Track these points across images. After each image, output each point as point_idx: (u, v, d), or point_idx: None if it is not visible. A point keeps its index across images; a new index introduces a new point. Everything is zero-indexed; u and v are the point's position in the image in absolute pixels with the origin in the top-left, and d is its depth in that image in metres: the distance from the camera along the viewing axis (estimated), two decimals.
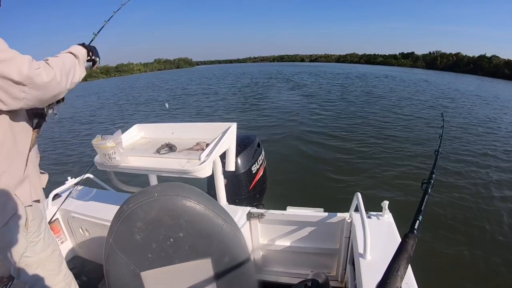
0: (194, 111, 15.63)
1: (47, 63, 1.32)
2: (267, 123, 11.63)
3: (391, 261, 0.67)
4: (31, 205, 1.46)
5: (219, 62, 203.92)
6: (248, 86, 27.14)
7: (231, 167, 2.30)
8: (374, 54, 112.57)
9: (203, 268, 1.35)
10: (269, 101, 17.62)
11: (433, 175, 1.15)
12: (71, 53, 1.52)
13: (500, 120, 13.14)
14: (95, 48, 1.71)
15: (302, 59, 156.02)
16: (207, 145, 2.01)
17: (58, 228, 2.45)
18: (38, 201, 1.58)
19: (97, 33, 2.09)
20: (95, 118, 15.38)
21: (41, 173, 1.65)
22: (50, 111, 1.62)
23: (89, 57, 1.65)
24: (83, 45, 1.65)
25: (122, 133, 1.98)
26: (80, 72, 1.51)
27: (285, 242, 2.26)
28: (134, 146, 2.22)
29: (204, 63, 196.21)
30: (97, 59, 1.73)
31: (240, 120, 11.19)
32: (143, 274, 1.32)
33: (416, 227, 0.80)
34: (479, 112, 14.68)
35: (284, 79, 33.33)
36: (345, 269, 2.14)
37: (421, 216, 0.85)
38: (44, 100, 1.36)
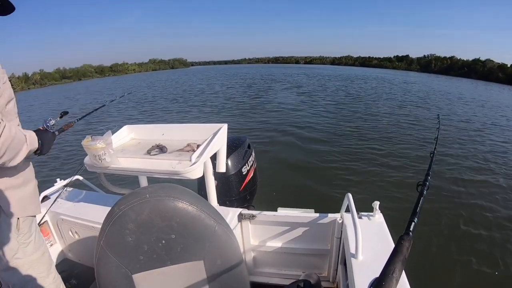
0: (189, 111, 15.58)
1: (1, 127, 1.20)
2: (258, 124, 11.65)
3: (386, 263, 0.66)
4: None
5: (214, 63, 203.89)
6: (242, 87, 27.22)
7: (221, 168, 2.30)
8: (369, 57, 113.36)
9: (196, 270, 1.34)
10: (261, 102, 17.65)
11: (429, 177, 1.14)
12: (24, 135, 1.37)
13: (494, 122, 13.30)
14: (50, 140, 1.60)
15: (297, 61, 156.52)
16: (198, 146, 2.00)
17: (47, 230, 2.43)
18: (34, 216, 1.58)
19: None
20: (86, 118, 15.00)
21: None
22: None
23: (38, 151, 1.51)
24: (39, 134, 1.51)
25: (112, 134, 1.97)
26: (19, 160, 1.33)
27: (277, 243, 2.26)
28: (124, 147, 2.21)
29: (199, 63, 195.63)
30: (48, 149, 1.59)
31: (231, 121, 11.23)
32: (135, 276, 1.30)
33: (411, 229, 0.78)
34: (473, 114, 14.88)
35: (277, 81, 33.42)
36: (337, 270, 2.14)
37: (416, 218, 0.83)
38: None
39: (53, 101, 27.54)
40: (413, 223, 0.81)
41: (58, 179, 2.63)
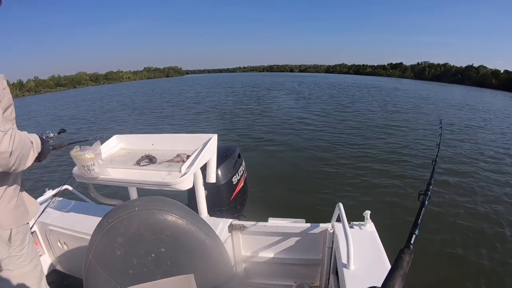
0: (180, 121, 15.53)
1: (12, 134, 1.26)
2: (248, 134, 11.60)
3: (386, 279, 0.64)
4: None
5: (209, 71, 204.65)
6: (235, 96, 27.38)
7: (212, 179, 2.29)
8: (363, 65, 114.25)
9: (186, 283, 1.30)
10: (253, 111, 17.65)
11: (430, 186, 1.13)
12: (31, 141, 1.44)
13: (494, 128, 13.42)
14: (47, 150, 1.62)
15: (291, 69, 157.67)
16: (188, 156, 1.99)
17: (36, 241, 2.39)
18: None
19: None
20: (75, 127, 14.91)
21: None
22: None
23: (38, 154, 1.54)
24: (41, 138, 1.57)
25: (101, 144, 1.96)
26: (28, 164, 1.42)
27: (268, 254, 2.25)
28: (113, 157, 2.19)
29: (194, 72, 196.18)
30: (46, 155, 1.63)
31: (222, 130, 11.35)
32: None
33: (412, 241, 0.76)
34: (472, 121, 15.03)
35: (270, 89, 33.63)
36: (329, 279, 2.14)
37: (417, 230, 0.80)
38: None
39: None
40: (414, 236, 0.78)
41: (47, 189, 2.61)
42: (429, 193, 1.06)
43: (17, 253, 1.47)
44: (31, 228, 2.24)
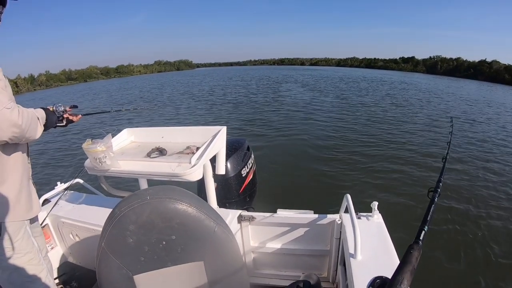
0: (193, 113, 15.62)
1: (20, 110, 1.39)
2: (258, 127, 11.60)
3: (395, 273, 0.65)
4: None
5: (219, 64, 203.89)
6: (246, 89, 27.33)
7: (221, 170, 2.31)
8: (375, 58, 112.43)
9: (196, 271, 1.34)
10: (262, 104, 17.61)
11: (440, 184, 1.12)
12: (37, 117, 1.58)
13: (506, 125, 13.11)
14: (52, 121, 1.77)
15: (302, 62, 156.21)
16: (198, 148, 2.02)
17: (48, 233, 2.45)
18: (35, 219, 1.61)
19: None
20: (98, 120, 15.07)
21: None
22: None
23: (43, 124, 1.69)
24: (45, 110, 1.72)
25: (112, 137, 1.98)
26: (39, 133, 1.58)
27: (276, 245, 2.28)
28: (124, 150, 2.23)
29: (204, 65, 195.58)
30: (50, 127, 1.78)
31: (232, 122, 11.35)
32: (136, 277, 1.31)
33: (421, 237, 0.76)
34: (485, 117, 14.70)
35: (280, 82, 33.45)
36: (337, 270, 2.16)
37: (426, 226, 0.80)
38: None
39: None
40: (423, 232, 0.78)
41: (58, 183, 2.66)
42: (439, 190, 1.05)
43: (7, 246, 1.50)
44: (43, 221, 2.30)
